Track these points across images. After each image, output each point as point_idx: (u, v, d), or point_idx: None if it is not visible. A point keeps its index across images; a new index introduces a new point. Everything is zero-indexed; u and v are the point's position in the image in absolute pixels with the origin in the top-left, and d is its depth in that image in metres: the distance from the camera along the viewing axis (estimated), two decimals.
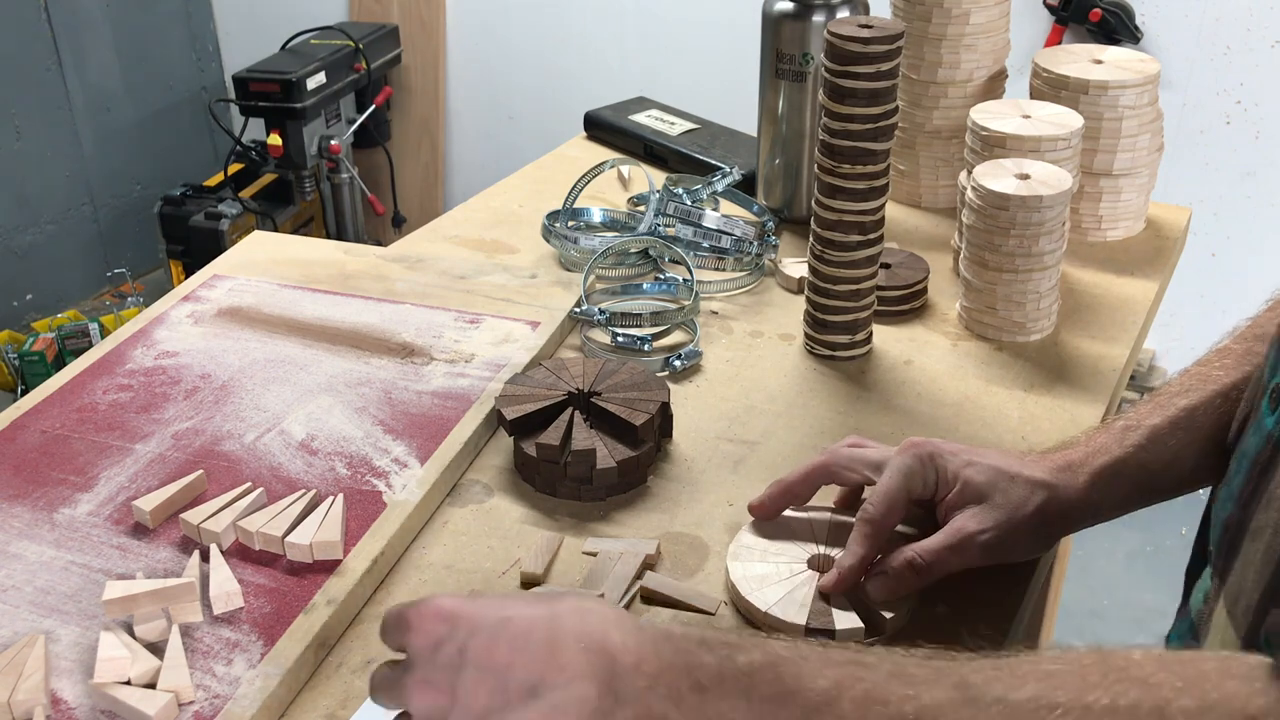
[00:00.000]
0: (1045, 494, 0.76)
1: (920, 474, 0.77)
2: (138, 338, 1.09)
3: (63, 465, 0.92)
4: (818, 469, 0.81)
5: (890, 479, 0.77)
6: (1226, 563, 0.64)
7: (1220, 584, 0.64)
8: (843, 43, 0.94)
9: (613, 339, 1.08)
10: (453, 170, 3.36)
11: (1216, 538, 0.67)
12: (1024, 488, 0.76)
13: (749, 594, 0.77)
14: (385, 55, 3.12)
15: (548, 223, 1.25)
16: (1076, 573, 0.82)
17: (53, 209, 3.18)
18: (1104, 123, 1.21)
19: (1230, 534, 0.64)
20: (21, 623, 0.77)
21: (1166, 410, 0.78)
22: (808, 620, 0.74)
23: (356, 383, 1.01)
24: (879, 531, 0.76)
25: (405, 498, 0.87)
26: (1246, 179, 2.51)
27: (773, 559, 0.80)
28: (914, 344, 1.09)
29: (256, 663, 0.73)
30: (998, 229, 1.04)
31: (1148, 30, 2.47)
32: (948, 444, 0.79)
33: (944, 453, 0.78)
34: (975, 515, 0.75)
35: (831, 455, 0.82)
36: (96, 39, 3.21)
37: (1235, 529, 0.64)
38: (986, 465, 0.77)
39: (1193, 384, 0.79)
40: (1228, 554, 0.64)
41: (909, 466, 0.77)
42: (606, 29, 3.00)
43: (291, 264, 1.21)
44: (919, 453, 0.78)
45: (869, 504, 0.77)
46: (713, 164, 1.38)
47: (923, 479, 0.77)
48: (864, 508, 0.77)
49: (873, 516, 0.76)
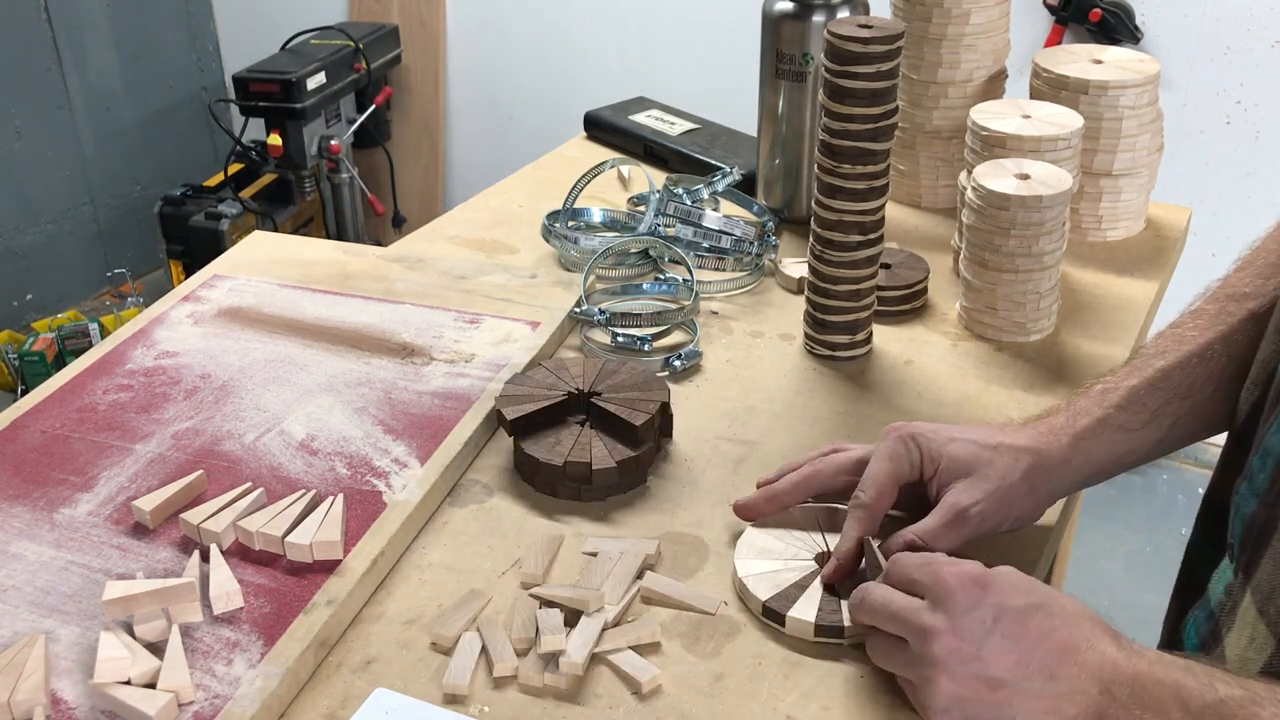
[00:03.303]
0: (1030, 458, 0.78)
1: (905, 455, 0.79)
2: (138, 338, 1.09)
3: (63, 465, 0.92)
4: (807, 480, 0.82)
5: (877, 464, 0.79)
6: (1253, 558, 0.65)
7: (1245, 579, 0.65)
8: (843, 43, 0.94)
9: (613, 339, 1.08)
10: (453, 170, 3.36)
11: (1239, 532, 0.67)
12: (1008, 455, 0.78)
13: (756, 590, 0.77)
14: (385, 55, 3.12)
15: (548, 223, 1.25)
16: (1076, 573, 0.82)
17: (53, 209, 3.18)
18: (1104, 123, 1.21)
19: (1256, 531, 0.66)
20: (21, 623, 0.77)
21: (1144, 372, 0.80)
22: (817, 617, 0.75)
23: (356, 383, 1.01)
24: (872, 516, 0.78)
25: (405, 498, 0.87)
26: (1246, 179, 2.51)
27: (779, 555, 0.81)
28: (914, 344, 1.09)
29: (256, 663, 0.73)
30: (998, 229, 1.04)
31: (1148, 30, 2.47)
32: (927, 425, 0.81)
33: (924, 433, 0.79)
34: (965, 489, 0.77)
35: (816, 468, 0.83)
36: (96, 39, 3.21)
37: (1262, 526, 0.65)
38: (968, 440, 0.78)
39: (1168, 345, 0.81)
40: (1254, 550, 0.65)
41: (893, 450, 0.79)
42: (606, 29, 3.00)
43: (291, 264, 1.21)
44: (900, 435, 0.80)
45: (860, 490, 0.78)
46: (713, 164, 1.38)
47: (908, 460, 0.79)
48: (855, 494, 0.79)
49: (865, 502, 0.78)
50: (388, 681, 0.73)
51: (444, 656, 0.75)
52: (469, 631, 0.76)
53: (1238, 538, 0.68)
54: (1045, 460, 0.78)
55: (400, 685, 0.73)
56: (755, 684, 0.73)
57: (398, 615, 0.79)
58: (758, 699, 0.72)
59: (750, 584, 0.78)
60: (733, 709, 0.71)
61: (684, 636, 0.76)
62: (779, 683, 0.73)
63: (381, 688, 0.72)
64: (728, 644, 0.76)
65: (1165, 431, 0.79)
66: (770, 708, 0.71)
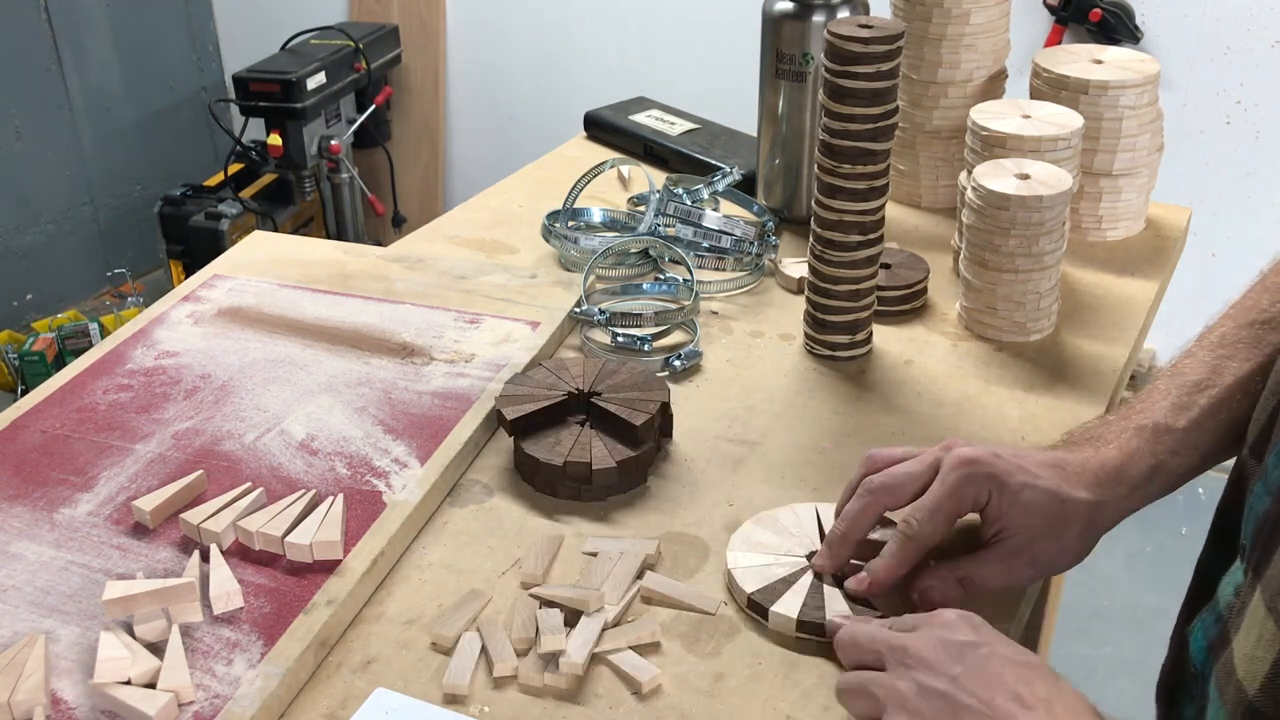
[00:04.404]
0: (1093, 513, 0.77)
1: (973, 495, 0.76)
2: (138, 338, 1.09)
3: (63, 465, 0.92)
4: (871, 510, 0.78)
5: (942, 499, 0.75)
6: (1264, 556, 0.64)
7: (1255, 577, 0.64)
8: (843, 43, 0.94)
9: (613, 339, 1.08)
10: (453, 170, 3.36)
11: (1251, 531, 0.67)
12: (1076, 512, 0.76)
13: (743, 581, 0.78)
14: (385, 55, 3.12)
15: (548, 223, 1.25)
16: (1076, 573, 0.82)
17: (53, 209, 3.18)
18: (1104, 123, 1.21)
19: (1268, 529, 0.65)
20: (21, 623, 0.77)
21: (1190, 411, 0.79)
22: (799, 613, 0.75)
23: (356, 383, 1.01)
24: (921, 550, 0.76)
25: (405, 498, 0.87)
26: (1246, 179, 2.52)
27: (772, 550, 0.81)
28: (914, 344, 1.09)
29: (256, 663, 0.73)
30: (998, 229, 1.04)
31: (1148, 30, 2.47)
32: (1001, 460, 0.76)
33: (999, 475, 0.75)
34: (1028, 544, 0.76)
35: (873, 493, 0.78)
36: (96, 39, 3.21)
37: (1274, 523, 0.64)
38: (1040, 489, 0.76)
39: (1208, 376, 0.80)
40: (1265, 547, 0.64)
41: (961, 490, 0.75)
42: (606, 29, 3.00)
43: (291, 264, 1.21)
44: (974, 473, 0.75)
45: (915, 519, 0.75)
46: (713, 164, 1.38)
47: (974, 499, 0.76)
48: (908, 522, 0.75)
49: (917, 534, 0.75)
50: (388, 681, 0.73)
51: (444, 656, 0.75)
52: (469, 631, 0.76)
53: (1249, 537, 0.67)
54: (1105, 514, 0.77)
55: (400, 685, 0.73)
56: (755, 684, 0.73)
57: (398, 615, 0.79)
58: (758, 699, 0.72)
59: (738, 576, 0.78)
60: (733, 709, 0.71)
61: (684, 636, 0.76)
62: (779, 683, 0.73)
63: (381, 688, 0.72)
64: (728, 644, 0.76)
65: (1200, 464, 0.79)
66: (770, 708, 0.71)
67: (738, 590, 0.78)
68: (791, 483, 0.91)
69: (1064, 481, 0.77)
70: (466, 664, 0.73)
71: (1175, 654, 0.78)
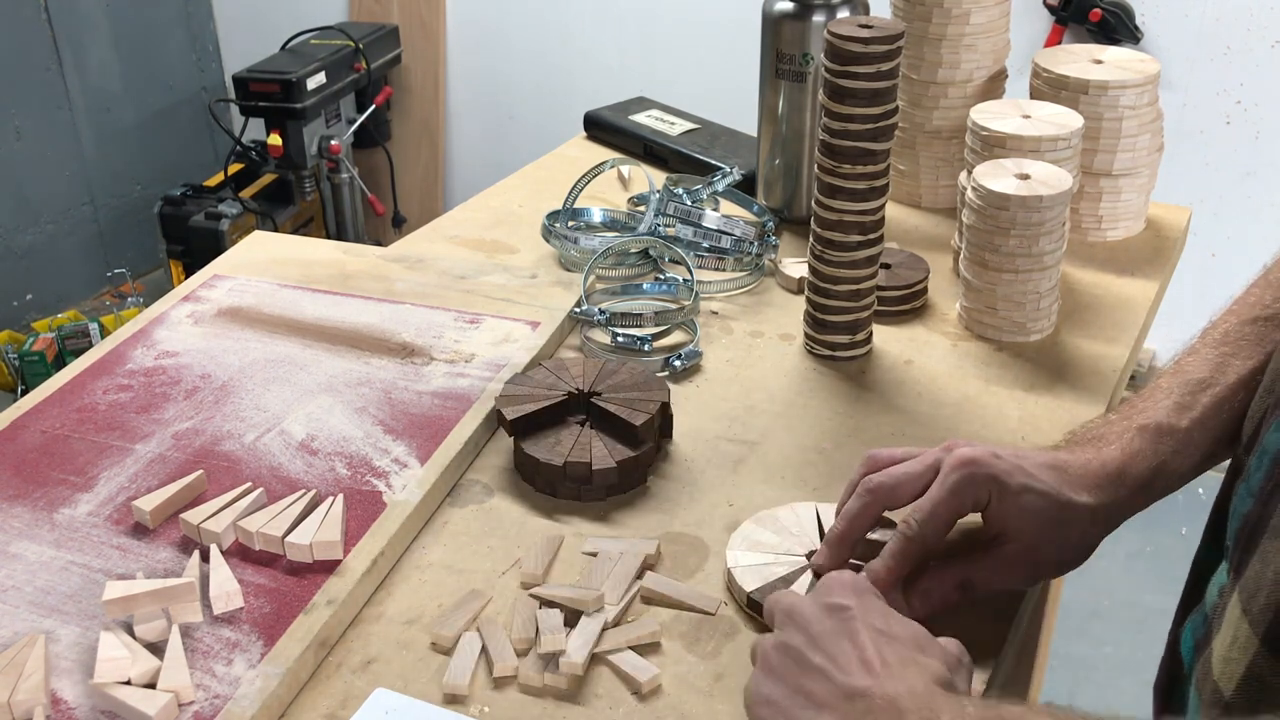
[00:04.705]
0: (1094, 516, 0.76)
1: (973, 496, 0.75)
2: (138, 338, 1.09)
3: (63, 465, 0.92)
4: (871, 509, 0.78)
5: (943, 499, 0.75)
6: (1243, 558, 0.64)
7: (1236, 579, 0.64)
8: (843, 43, 0.94)
9: (613, 339, 1.08)
10: (453, 170, 3.36)
11: (1234, 531, 0.67)
12: (1077, 515, 0.76)
13: (743, 581, 0.78)
14: (385, 55, 3.12)
15: (548, 223, 1.25)
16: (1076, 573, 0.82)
17: (53, 209, 3.18)
18: (1104, 123, 1.21)
19: (1249, 530, 0.65)
20: (21, 623, 0.77)
21: (1192, 410, 0.78)
22: None
23: (356, 383, 1.01)
24: (921, 551, 0.75)
25: (405, 498, 0.87)
26: (1246, 179, 2.51)
27: (771, 549, 0.81)
28: (914, 344, 1.09)
29: (256, 663, 0.73)
30: (998, 229, 1.04)
31: (1148, 30, 2.47)
32: (1001, 461, 0.76)
33: (1000, 476, 0.75)
34: (1029, 547, 0.75)
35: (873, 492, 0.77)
36: (96, 39, 3.21)
37: (1254, 525, 0.64)
38: (1042, 491, 0.75)
39: (1210, 375, 0.79)
40: (1245, 549, 0.64)
41: (961, 490, 0.75)
42: (606, 29, 3.00)
43: (291, 264, 1.21)
44: (975, 474, 0.75)
45: (915, 520, 0.75)
46: (713, 164, 1.38)
47: (974, 500, 0.75)
48: (908, 523, 0.75)
49: (917, 535, 0.75)
50: (388, 681, 0.73)
51: (444, 656, 0.75)
52: (469, 631, 0.76)
53: (1232, 537, 0.67)
54: (1106, 518, 0.77)
55: (400, 685, 0.73)
56: None
57: (398, 615, 0.79)
58: None
59: (737, 574, 0.79)
60: (733, 709, 0.71)
61: (684, 636, 0.76)
62: None
63: (381, 688, 0.72)
64: (728, 644, 0.76)
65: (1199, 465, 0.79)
66: None
67: (737, 589, 0.78)
68: (791, 483, 0.91)
69: (1065, 484, 0.77)
70: (466, 664, 0.73)
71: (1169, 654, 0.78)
